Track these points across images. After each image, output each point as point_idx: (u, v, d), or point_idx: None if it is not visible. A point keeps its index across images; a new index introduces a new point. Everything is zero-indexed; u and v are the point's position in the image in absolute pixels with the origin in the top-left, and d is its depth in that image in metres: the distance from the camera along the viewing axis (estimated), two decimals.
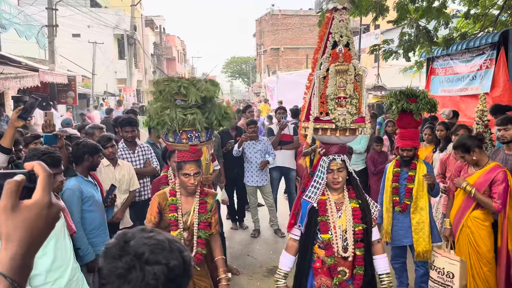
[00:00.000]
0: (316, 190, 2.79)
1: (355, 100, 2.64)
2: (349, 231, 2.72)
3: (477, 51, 8.09)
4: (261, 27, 46.55)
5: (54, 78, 13.25)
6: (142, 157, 4.92)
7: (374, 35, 18.81)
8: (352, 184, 2.86)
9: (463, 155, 3.78)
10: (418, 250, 3.91)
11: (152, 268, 0.91)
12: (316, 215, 2.76)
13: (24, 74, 10.39)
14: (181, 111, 2.75)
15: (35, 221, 0.80)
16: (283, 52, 43.27)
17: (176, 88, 2.75)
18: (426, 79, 10.09)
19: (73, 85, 15.62)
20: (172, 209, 2.98)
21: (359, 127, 2.70)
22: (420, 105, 3.75)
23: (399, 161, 4.09)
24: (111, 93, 24.95)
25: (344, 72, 2.63)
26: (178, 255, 0.97)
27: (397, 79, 14.71)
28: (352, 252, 2.70)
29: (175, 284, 0.95)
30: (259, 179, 6.20)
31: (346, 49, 2.67)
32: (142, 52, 29.90)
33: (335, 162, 2.75)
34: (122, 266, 0.92)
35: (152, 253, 0.93)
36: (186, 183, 2.92)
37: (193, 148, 2.87)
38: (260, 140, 6.23)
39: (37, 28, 15.10)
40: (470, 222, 3.76)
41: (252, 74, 56.00)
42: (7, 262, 0.77)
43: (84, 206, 3.43)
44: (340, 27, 2.67)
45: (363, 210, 2.77)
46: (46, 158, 2.62)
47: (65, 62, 18.84)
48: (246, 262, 5.42)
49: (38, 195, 0.82)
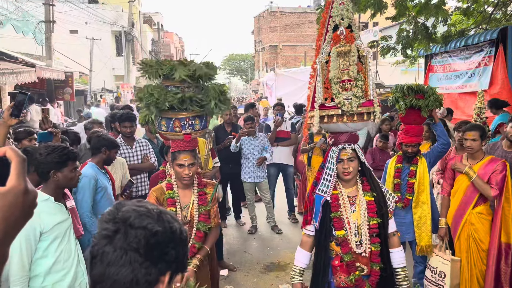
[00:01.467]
0: (328, 183, 2.64)
1: (361, 82, 2.49)
2: (363, 226, 2.58)
3: (475, 48, 8.08)
4: (260, 24, 46.46)
5: (51, 74, 13.20)
6: (140, 153, 4.90)
7: (373, 32, 18.78)
8: (366, 176, 2.70)
9: (474, 138, 3.68)
10: (421, 244, 3.86)
11: (135, 231, 0.92)
12: (330, 211, 2.62)
13: (21, 69, 10.34)
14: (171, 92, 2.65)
15: (10, 208, 0.75)
16: (282, 49, 43.21)
17: (167, 70, 2.63)
18: (424, 76, 10.08)
19: (70, 82, 15.56)
20: (170, 203, 2.87)
21: (367, 111, 2.52)
22: (429, 102, 3.69)
23: (401, 157, 4.05)
24: (108, 89, 24.89)
25: (346, 53, 2.49)
26: (165, 224, 0.96)
27: (395, 76, 14.71)
28: (367, 248, 2.57)
29: (158, 250, 0.94)
30: (256, 175, 6.18)
31: (348, 31, 2.55)
32: (140, 49, 29.81)
33: (345, 152, 2.59)
34: (109, 228, 0.94)
35: (137, 218, 0.94)
36: (181, 173, 2.81)
37: (187, 137, 2.75)
38: (258, 136, 6.21)
39: (34, 24, 15.04)
40: (474, 218, 3.69)
41: (250, 71, 55.93)
42: None
43: (97, 196, 3.51)
44: (340, 9, 2.57)
45: (378, 203, 2.61)
46: (68, 152, 2.59)
47: (62, 59, 18.76)
48: (243, 258, 5.41)
49: (12, 181, 0.76)
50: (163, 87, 2.71)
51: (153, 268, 0.93)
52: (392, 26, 13.19)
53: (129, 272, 0.92)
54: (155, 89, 2.66)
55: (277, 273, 4.96)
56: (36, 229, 2.36)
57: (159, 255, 0.94)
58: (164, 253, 0.95)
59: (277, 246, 5.82)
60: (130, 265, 0.91)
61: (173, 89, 2.67)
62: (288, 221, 6.82)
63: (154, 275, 0.94)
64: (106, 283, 0.92)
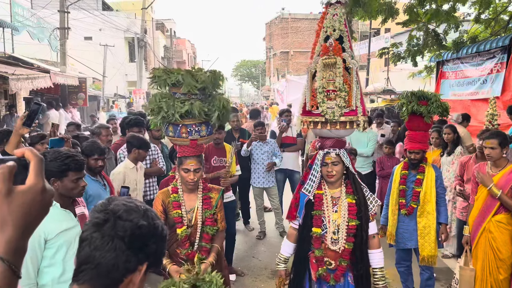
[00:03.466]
0: (312, 183, 2.84)
1: (344, 93, 2.63)
2: (342, 226, 2.75)
3: (487, 54, 8.01)
4: (271, 31, 46.62)
5: (65, 80, 13.43)
6: (149, 157, 4.95)
7: (384, 38, 18.72)
8: (349, 179, 2.86)
9: (493, 146, 3.64)
10: (423, 254, 3.86)
11: (123, 223, 1.04)
12: (312, 209, 2.81)
13: (36, 75, 10.54)
14: (179, 100, 2.75)
15: (30, 206, 0.81)
16: (293, 55, 43.27)
17: (174, 79, 2.73)
18: (436, 82, 10.01)
19: (84, 87, 15.80)
20: (175, 206, 2.96)
21: (350, 121, 2.68)
22: (431, 108, 3.69)
23: (407, 164, 4.05)
24: (121, 95, 25.17)
25: (332, 65, 2.63)
26: (150, 220, 1.08)
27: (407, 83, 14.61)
28: (342, 246, 2.74)
29: (140, 241, 1.05)
30: (266, 180, 6.20)
31: (337, 43, 2.67)
32: (153, 55, 30.14)
33: (329, 156, 2.77)
34: (99, 217, 1.05)
35: (126, 212, 1.06)
36: (186, 178, 2.90)
37: (193, 143, 2.85)
38: (268, 141, 6.23)
39: (49, 31, 15.32)
40: (493, 226, 3.64)
41: (262, 77, 56.07)
42: (4, 245, 0.79)
43: (90, 206, 3.43)
44: (333, 21, 2.68)
45: (359, 206, 2.77)
46: (69, 162, 2.47)
47: (76, 64, 19.07)
48: (251, 264, 5.41)
49: (31, 180, 0.83)
50: (171, 94, 2.80)
51: (133, 257, 1.03)
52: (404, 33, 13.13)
53: (112, 257, 1.02)
54: (163, 98, 2.76)
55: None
56: (41, 236, 2.28)
57: (140, 246, 1.05)
58: (145, 245, 1.06)
59: None
60: (114, 251, 1.02)
61: (181, 96, 2.77)
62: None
63: (133, 264, 1.04)
64: (91, 264, 1.02)
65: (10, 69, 9.54)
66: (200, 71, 2.82)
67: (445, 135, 5.38)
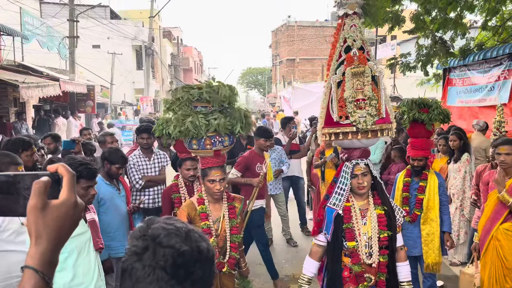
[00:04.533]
0: (340, 196, 2.75)
1: (374, 101, 2.61)
2: (374, 238, 2.68)
3: (494, 61, 8.00)
4: (277, 38, 46.82)
5: (74, 88, 13.58)
6: (157, 165, 4.97)
7: (390, 46, 18.74)
8: (377, 190, 2.80)
9: (508, 152, 3.52)
10: (427, 262, 3.83)
11: (163, 250, 0.95)
12: (342, 223, 2.72)
13: (46, 83, 10.67)
14: (203, 117, 2.79)
15: (63, 219, 0.86)
16: (299, 63, 43.38)
17: (196, 95, 2.78)
18: (443, 89, 9.99)
19: (92, 95, 15.98)
20: (203, 217, 2.98)
21: (380, 128, 2.65)
22: (432, 115, 3.69)
23: (410, 171, 4.04)
24: (128, 102, 25.38)
25: (360, 74, 2.62)
26: (193, 243, 0.99)
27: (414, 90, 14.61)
28: (377, 259, 2.66)
29: (184, 269, 0.96)
30: (273, 187, 6.21)
31: (361, 52, 2.67)
32: (160, 63, 30.38)
33: (359, 167, 2.70)
34: (139, 245, 0.97)
35: (166, 237, 0.97)
36: (212, 189, 2.93)
37: (216, 153, 2.91)
38: (275, 148, 6.25)
39: (59, 39, 15.51)
40: (500, 234, 3.56)
41: (268, 84, 56.21)
42: (38, 257, 0.83)
43: (101, 209, 3.51)
44: (352, 31, 2.68)
45: (388, 216, 2.72)
46: (82, 170, 2.53)
47: (85, 72, 19.28)
48: (258, 271, 5.40)
49: (65, 194, 0.87)
50: (191, 109, 2.84)
51: (178, 286, 0.95)
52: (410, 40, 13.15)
53: None
54: (187, 116, 2.78)
55: (292, 286, 4.94)
56: None
57: (185, 274, 0.96)
58: (190, 272, 0.97)
59: (292, 259, 5.80)
60: (157, 282, 0.94)
61: (202, 110, 2.83)
62: (302, 234, 6.79)
63: None
64: None
65: (20, 77, 9.68)
66: (220, 87, 2.85)
67: (450, 142, 5.36)
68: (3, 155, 2.74)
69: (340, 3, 2.74)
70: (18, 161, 2.73)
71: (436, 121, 3.78)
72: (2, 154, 2.77)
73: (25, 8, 14.05)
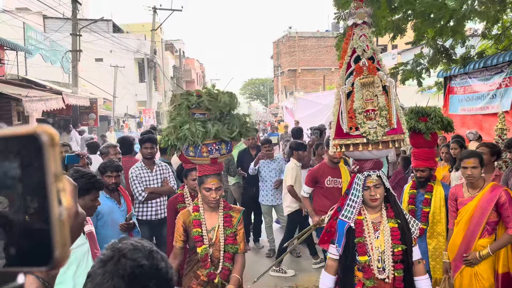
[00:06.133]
0: (352, 209, 2.67)
1: (385, 112, 2.54)
2: (387, 252, 2.59)
3: (495, 69, 8.02)
4: (279, 49, 47.09)
5: (77, 101, 13.68)
6: (160, 176, 4.98)
7: (391, 55, 18.81)
8: (390, 202, 2.71)
9: (478, 166, 3.41)
10: (435, 277, 3.72)
11: (125, 261, 1.04)
12: (353, 236, 2.64)
13: (49, 97, 10.76)
14: (200, 124, 2.78)
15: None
16: (300, 73, 43.53)
17: (194, 101, 2.77)
18: (444, 98, 10.00)
19: (95, 108, 16.07)
20: (196, 224, 2.95)
21: (392, 139, 2.58)
22: (429, 124, 3.61)
23: (415, 182, 3.93)
24: (131, 115, 25.49)
25: (370, 84, 2.56)
26: (153, 261, 1.07)
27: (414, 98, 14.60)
28: (390, 274, 2.56)
29: (140, 282, 1.03)
30: (274, 198, 6.20)
31: (370, 62, 2.61)
32: (162, 75, 30.57)
33: (371, 179, 2.62)
34: (106, 254, 1.07)
35: (131, 251, 1.06)
36: (208, 197, 2.91)
37: (213, 161, 2.88)
38: (275, 158, 6.26)
39: (62, 53, 15.67)
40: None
41: (270, 95, 56.39)
42: None
43: (98, 222, 3.48)
44: (362, 41, 2.62)
45: (402, 229, 2.62)
46: (95, 181, 2.59)
47: (87, 85, 19.42)
48: (260, 281, 5.36)
49: (67, 203, 0.88)
50: (189, 115, 2.82)
51: None
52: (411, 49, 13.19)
53: None
54: (184, 123, 2.78)
55: None
56: None
57: (140, 287, 1.03)
58: (145, 286, 1.04)
59: (296, 269, 5.75)
60: None
61: (200, 117, 2.81)
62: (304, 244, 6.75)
63: None
64: None
65: (23, 91, 9.77)
66: (219, 95, 2.84)
67: (451, 150, 5.34)
68: None
69: (349, 13, 2.70)
70: None
71: (434, 130, 3.68)
72: None
73: (29, 23, 14.23)
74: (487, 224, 3.37)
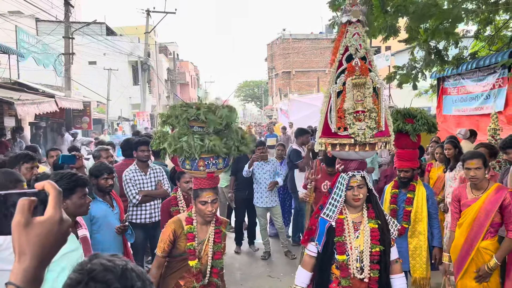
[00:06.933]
0: (334, 208, 2.68)
1: (374, 113, 2.52)
2: (365, 252, 2.60)
3: (488, 70, 8.06)
4: (273, 51, 47.17)
5: (70, 104, 13.60)
6: (154, 179, 4.95)
7: (385, 56, 18.88)
8: (372, 202, 2.72)
9: (481, 167, 3.39)
10: (414, 276, 3.72)
11: (95, 285, 0.91)
12: (333, 235, 2.65)
13: (41, 100, 10.68)
14: (198, 137, 2.73)
15: (47, 236, 0.86)
16: (295, 75, 43.63)
17: (194, 114, 2.73)
18: (438, 99, 10.04)
19: (88, 111, 15.98)
20: (190, 238, 2.89)
21: (379, 141, 2.57)
22: (416, 126, 3.60)
23: (397, 182, 3.95)
24: (125, 118, 25.38)
25: (361, 85, 2.52)
26: (127, 282, 0.95)
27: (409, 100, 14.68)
28: (368, 274, 2.58)
29: None
30: (269, 200, 6.18)
31: (363, 62, 2.56)
32: (156, 78, 30.49)
33: (355, 179, 2.63)
34: (73, 278, 0.94)
35: (101, 272, 0.94)
36: (204, 211, 2.85)
37: (210, 175, 2.83)
38: (269, 161, 6.24)
39: (55, 57, 15.58)
40: (481, 255, 3.39)
41: (264, 97, 56.45)
42: (21, 274, 0.83)
43: (93, 227, 3.43)
44: (355, 40, 2.58)
45: (382, 230, 2.63)
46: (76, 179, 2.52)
47: (81, 89, 19.32)
48: (255, 284, 5.34)
49: (50, 212, 0.88)
50: (188, 128, 2.78)
51: None
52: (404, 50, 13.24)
53: None
54: (182, 135, 2.74)
55: None
56: None
57: None
58: None
59: (291, 271, 5.73)
60: None
61: (199, 130, 2.78)
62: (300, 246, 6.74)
63: None
64: None
65: (15, 94, 9.69)
66: (218, 109, 2.79)
67: (445, 150, 5.35)
68: (8, 173, 2.72)
69: (344, 10, 2.64)
70: (21, 179, 2.72)
71: (421, 132, 3.68)
72: (7, 172, 2.75)
73: (21, 26, 14.13)
74: (490, 226, 3.36)
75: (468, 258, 3.44)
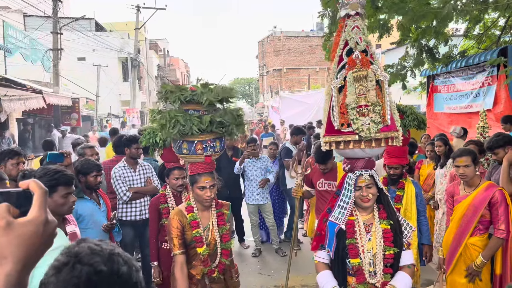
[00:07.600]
0: (343, 210, 2.53)
1: (378, 107, 2.39)
2: (379, 255, 2.44)
3: (477, 68, 8.13)
4: (264, 49, 47.12)
5: (59, 100, 13.42)
6: (143, 176, 4.90)
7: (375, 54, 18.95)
8: (383, 203, 2.57)
9: (470, 164, 3.40)
10: None
11: (81, 267, 0.91)
12: (344, 238, 2.49)
13: (28, 96, 10.52)
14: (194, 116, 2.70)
15: (30, 238, 0.81)
16: (286, 72, 43.65)
17: (189, 95, 2.68)
18: (428, 96, 10.11)
19: (77, 107, 15.79)
20: (194, 225, 2.85)
21: (385, 137, 2.43)
22: (406, 121, 3.56)
23: (386, 179, 3.91)
24: (114, 114, 25.17)
25: (363, 78, 2.41)
26: (114, 265, 0.94)
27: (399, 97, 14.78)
28: (381, 279, 2.43)
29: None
30: (260, 197, 6.16)
31: (363, 55, 2.46)
32: (146, 74, 30.28)
33: (363, 178, 2.48)
34: (60, 259, 0.94)
35: (88, 255, 0.93)
36: (202, 196, 2.81)
37: (208, 159, 2.80)
38: (261, 158, 6.22)
39: (42, 52, 15.36)
40: (468, 250, 3.39)
41: (256, 94, 56.43)
42: (3, 278, 0.77)
43: (80, 225, 3.37)
44: (354, 33, 2.49)
45: (395, 232, 2.48)
46: (59, 177, 2.43)
47: (69, 85, 19.09)
48: (246, 281, 5.32)
49: (34, 212, 0.82)
50: (183, 111, 2.74)
51: None
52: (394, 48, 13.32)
53: None
54: (178, 114, 2.68)
55: None
56: None
57: None
58: None
59: (281, 269, 5.72)
60: None
61: (194, 113, 2.73)
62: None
63: None
64: None
65: (2, 90, 9.52)
66: (214, 87, 2.77)
67: (436, 147, 5.39)
68: None
69: (342, 3, 2.55)
70: (3, 177, 2.66)
71: (411, 128, 3.67)
72: None
73: (8, 21, 13.90)
74: (479, 223, 3.37)
75: (456, 254, 3.46)
